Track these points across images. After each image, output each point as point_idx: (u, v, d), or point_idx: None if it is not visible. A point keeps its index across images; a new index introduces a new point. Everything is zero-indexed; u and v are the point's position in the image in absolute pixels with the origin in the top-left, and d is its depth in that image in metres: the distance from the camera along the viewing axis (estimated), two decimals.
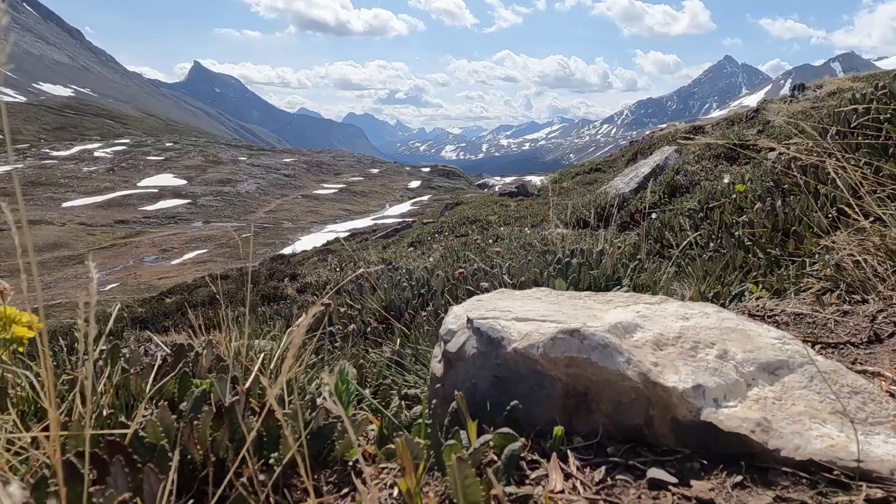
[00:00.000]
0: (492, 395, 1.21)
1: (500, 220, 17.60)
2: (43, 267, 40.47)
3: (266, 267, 23.36)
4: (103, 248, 49.48)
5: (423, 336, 2.34)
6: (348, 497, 1.06)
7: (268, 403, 1.16)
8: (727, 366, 1.20)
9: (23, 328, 1.20)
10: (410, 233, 24.82)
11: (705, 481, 1.02)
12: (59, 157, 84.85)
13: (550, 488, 0.98)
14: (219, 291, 10.34)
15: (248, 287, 1.91)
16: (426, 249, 15.40)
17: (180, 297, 19.32)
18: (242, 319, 3.49)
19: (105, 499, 0.74)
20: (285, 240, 51.04)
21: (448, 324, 1.37)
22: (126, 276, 38.70)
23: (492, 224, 16.89)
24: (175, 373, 1.30)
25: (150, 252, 47.02)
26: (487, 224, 17.11)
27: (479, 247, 10.72)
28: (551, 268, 2.42)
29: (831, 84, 15.59)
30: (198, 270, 36.45)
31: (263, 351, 1.60)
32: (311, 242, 41.38)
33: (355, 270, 12.17)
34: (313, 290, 12.35)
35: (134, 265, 43.06)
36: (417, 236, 19.32)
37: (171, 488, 0.79)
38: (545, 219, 16.82)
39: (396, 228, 32.71)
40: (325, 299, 1.94)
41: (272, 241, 50.83)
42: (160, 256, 46.03)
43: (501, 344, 1.22)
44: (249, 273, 16.31)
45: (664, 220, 6.24)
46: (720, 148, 11.46)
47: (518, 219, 17.65)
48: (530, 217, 17.57)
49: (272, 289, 15.02)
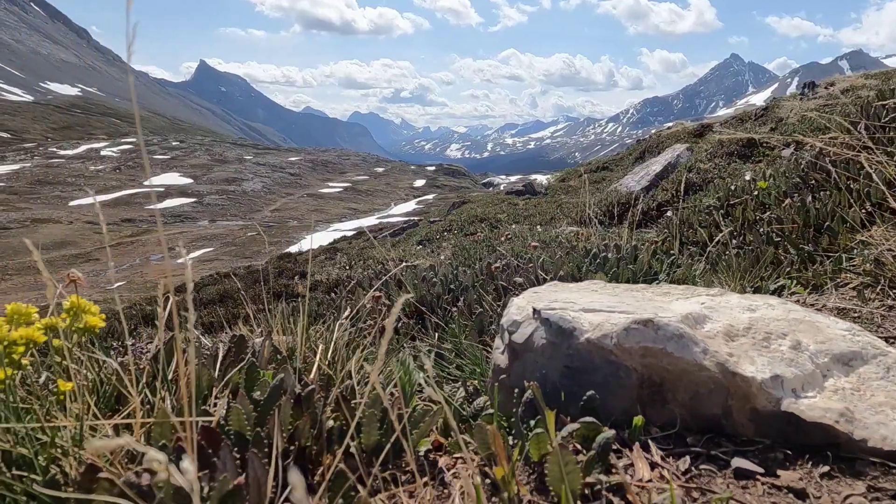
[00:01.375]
0: (563, 386, 1.20)
1: (508, 219, 17.58)
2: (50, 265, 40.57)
3: (274, 265, 23.41)
4: (109, 246, 49.69)
5: (461, 330, 2.34)
6: (429, 486, 1.06)
7: (342, 393, 1.16)
8: (802, 356, 1.19)
9: (95, 318, 1.21)
10: (418, 231, 24.81)
11: (792, 471, 1.01)
12: (67, 155, 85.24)
13: (639, 477, 0.97)
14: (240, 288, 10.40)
15: (307, 285, 1.91)
16: (435, 248, 15.39)
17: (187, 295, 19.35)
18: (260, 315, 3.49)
19: (220, 483, 0.74)
20: (291, 238, 51.09)
21: (512, 315, 1.36)
22: (133, 274, 38.85)
23: (501, 222, 16.87)
24: (243, 363, 1.30)
25: (156, 250, 47.20)
26: (497, 222, 17.09)
27: (491, 245, 10.71)
28: (588, 263, 2.41)
29: (843, 81, 15.47)
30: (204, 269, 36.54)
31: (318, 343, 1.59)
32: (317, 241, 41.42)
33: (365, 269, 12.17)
34: (324, 289, 12.38)
35: (140, 263, 43.21)
36: (426, 234, 19.32)
37: (280, 474, 0.79)
38: (554, 217, 16.78)
39: (403, 227, 32.70)
40: (374, 292, 1.94)
41: (277, 239, 50.88)
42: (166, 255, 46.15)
43: (573, 334, 1.21)
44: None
45: (683, 217, 6.21)
46: (733, 145, 11.40)
47: (527, 217, 17.61)
48: (539, 215, 17.52)
49: (283, 286, 15.05)
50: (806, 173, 4.25)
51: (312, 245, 35.33)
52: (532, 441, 0.99)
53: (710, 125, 23.81)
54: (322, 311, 5.61)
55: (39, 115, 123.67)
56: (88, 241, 52.07)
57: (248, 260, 37.75)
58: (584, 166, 31.13)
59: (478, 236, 12.87)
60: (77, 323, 1.18)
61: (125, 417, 1.09)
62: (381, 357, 0.87)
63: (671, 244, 3.88)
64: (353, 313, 1.84)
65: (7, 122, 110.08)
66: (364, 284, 4.64)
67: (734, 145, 11.28)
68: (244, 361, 1.31)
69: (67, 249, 48.30)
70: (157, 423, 0.97)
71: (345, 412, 1.09)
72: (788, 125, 11.54)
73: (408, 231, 29.08)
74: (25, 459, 0.94)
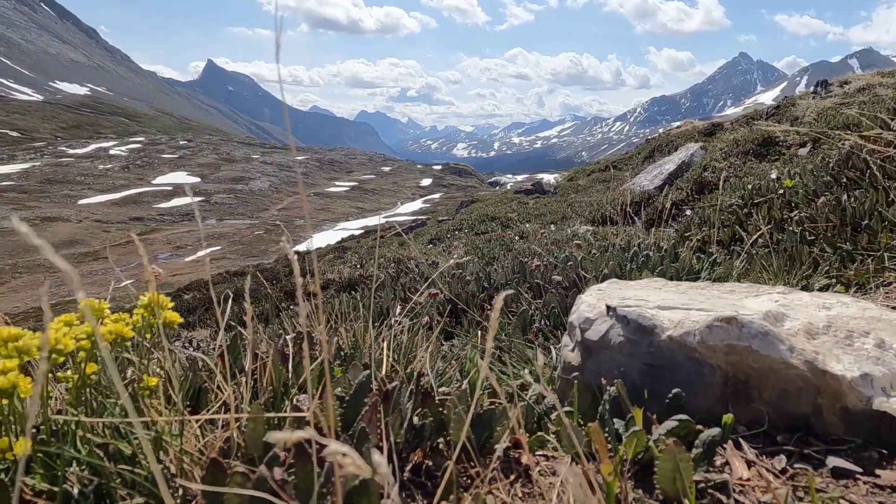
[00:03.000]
0: (644, 383, 1.19)
1: (520, 218, 17.54)
2: None
3: (283, 264, 23.45)
4: (117, 244, 49.93)
5: (504, 328, 2.33)
6: (517, 483, 1.05)
7: (426, 389, 1.16)
8: (887, 355, 1.17)
9: (173, 313, 1.21)
10: (426, 230, 24.80)
11: (891, 471, 0.99)
12: (76, 154, 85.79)
13: (738, 476, 0.96)
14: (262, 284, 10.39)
15: (390, 286, 1.91)
16: (447, 247, 15.38)
17: (199, 294, 19.47)
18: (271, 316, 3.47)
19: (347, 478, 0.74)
20: (297, 237, 51.17)
21: (584, 312, 1.35)
22: (140, 272, 38.96)
23: (512, 221, 16.84)
24: (317, 361, 1.30)
25: (165, 249, 47.36)
26: (507, 221, 17.06)
27: (504, 243, 10.68)
28: (630, 261, 2.40)
29: (858, 80, 15.34)
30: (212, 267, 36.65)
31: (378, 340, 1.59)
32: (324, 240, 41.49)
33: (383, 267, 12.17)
34: (337, 287, 12.39)
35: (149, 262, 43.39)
36: (436, 234, 19.32)
37: (394, 468, 0.78)
38: (565, 216, 16.73)
39: (411, 226, 32.69)
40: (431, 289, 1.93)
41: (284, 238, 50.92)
42: (174, 253, 46.31)
43: (654, 332, 1.20)
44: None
45: (704, 216, 6.17)
46: (748, 144, 11.32)
47: (538, 216, 17.57)
48: (550, 214, 17.48)
49: (294, 285, 15.06)
50: (837, 171, 4.21)
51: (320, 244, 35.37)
52: (628, 438, 0.98)
53: (720, 124, 23.67)
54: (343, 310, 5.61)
55: (49, 115, 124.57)
56: (97, 239, 52.38)
57: (255, 258, 37.86)
58: (592, 165, 31.02)
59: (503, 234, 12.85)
60: (154, 319, 1.18)
61: (211, 412, 1.09)
62: (489, 351, 0.86)
63: (708, 243, 3.85)
64: (404, 310, 1.84)
65: (17, 121, 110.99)
66: (387, 283, 4.64)
67: (749, 144, 11.20)
68: (316, 360, 1.30)
69: (76, 248, 48.61)
70: (252, 417, 0.97)
71: (431, 408, 1.09)
72: (805, 123, 11.45)
73: (416, 230, 29.08)
74: (122, 454, 0.94)
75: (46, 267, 37.09)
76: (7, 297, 31.59)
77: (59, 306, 27.14)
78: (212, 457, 0.74)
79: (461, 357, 1.57)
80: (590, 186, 23.43)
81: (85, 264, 42.16)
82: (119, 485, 0.87)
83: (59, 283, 33.50)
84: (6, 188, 67.05)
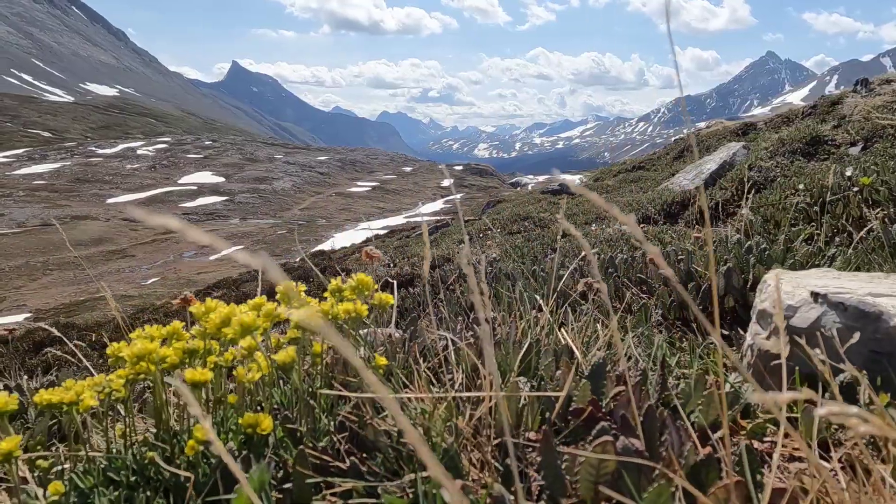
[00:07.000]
0: (870, 371, 1.16)
1: (552, 217, 17.43)
2: (88, 261, 41.92)
3: (313, 262, 23.63)
4: (144, 243, 50.90)
5: (621, 321, 2.30)
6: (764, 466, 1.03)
7: (663, 376, 1.14)
8: None
9: (388, 295, 1.20)
10: (452, 230, 24.80)
11: None
12: (105, 154, 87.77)
13: None
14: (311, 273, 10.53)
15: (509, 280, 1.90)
16: (480, 246, 15.35)
17: (228, 292, 19.77)
18: None
19: (687, 455, 0.73)
20: (320, 237, 51.58)
21: (785, 300, 1.32)
22: (166, 270, 39.62)
23: (546, 221, 16.76)
24: (530, 348, 1.29)
25: (189, 248, 48.09)
26: (541, 221, 16.98)
27: (546, 243, 10.62)
28: (744, 256, 2.36)
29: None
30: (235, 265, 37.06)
31: None
32: (347, 239, 41.72)
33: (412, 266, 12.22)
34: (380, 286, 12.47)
35: (174, 260, 44.08)
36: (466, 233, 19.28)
37: None
38: (599, 216, 16.58)
39: (437, 226, 32.72)
40: (591, 281, 1.92)
41: (307, 237, 51.38)
42: (199, 252, 46.99)
43: (881, 318, 1.17)
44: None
45: (766, 216, 6.06)
46: (795, 143, 11.09)
47: (570, 216, 17.45)
48: (583, 214, 17.36)
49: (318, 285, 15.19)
50: None
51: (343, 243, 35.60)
52: None
53: (753, 124, 23.25)
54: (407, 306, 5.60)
55: (79, 116, 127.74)
56: (125, 237, 53.48)
57: (278, 258, 38.23)
58: (619, 166, 30.68)
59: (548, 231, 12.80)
60: (371, 300, 1.19)
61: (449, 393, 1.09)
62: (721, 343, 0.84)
63: (818, 237, 3.77)
64: (553, 300, 1.82)
65: (49, 121, 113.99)
66: (457, 279, 4.64)
67: (797, 143, 10.97)
68: (524, 347, 1.30)
69: (104, 246, 49.69)
70: (509, 395, 0.96)
71: (667, 391, 1.07)
72: (853, 122, 11.18)
73: (442, 230, 29.08)
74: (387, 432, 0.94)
75: (76, 264, 37.91)
76: (38, 293, 32.42)
77: (89, 302, 27.63)
78: (544, 428, 0.73)
79: (658, 344, 1.55)
80: (619, 187, 23.20)
81: (113, 262, 43.08)
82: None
83: (87, 279, 34.19)
84: (38, 187, 68.92)
